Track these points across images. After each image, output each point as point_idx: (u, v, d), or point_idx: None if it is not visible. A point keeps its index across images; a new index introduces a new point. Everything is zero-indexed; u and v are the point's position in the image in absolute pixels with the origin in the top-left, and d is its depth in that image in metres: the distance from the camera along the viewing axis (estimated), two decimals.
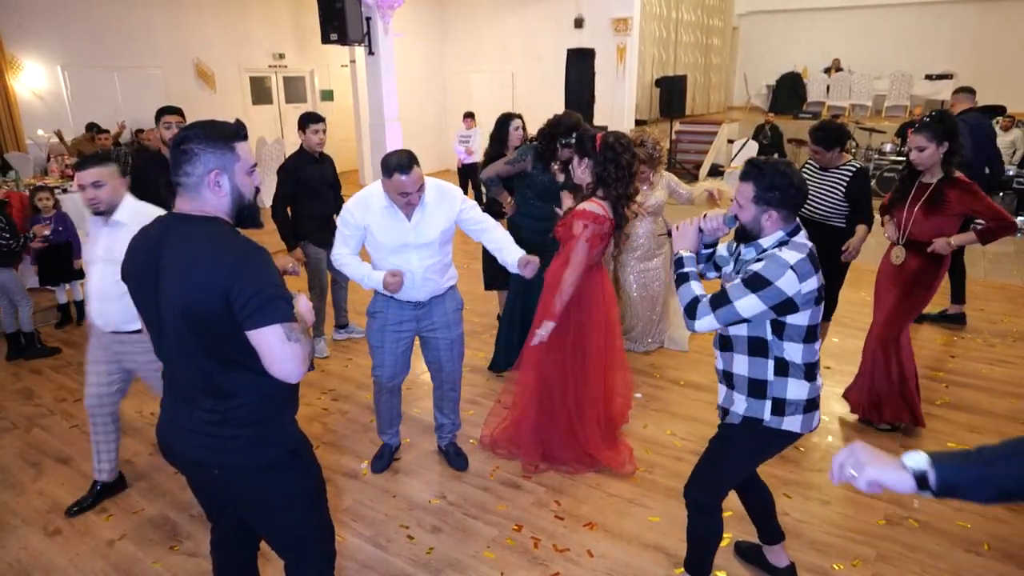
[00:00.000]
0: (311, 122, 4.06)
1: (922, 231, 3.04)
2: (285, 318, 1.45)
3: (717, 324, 1.85)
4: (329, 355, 4.44)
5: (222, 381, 1.54)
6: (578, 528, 2.71)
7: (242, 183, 1.57)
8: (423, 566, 2.52)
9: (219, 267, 1.43)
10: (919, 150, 2.96)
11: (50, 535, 2.72)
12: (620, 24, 10.43)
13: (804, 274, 1.77)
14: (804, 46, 13.92)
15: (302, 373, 1.49)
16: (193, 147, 1.49)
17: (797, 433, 1.95)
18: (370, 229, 2.66)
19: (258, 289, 1.43)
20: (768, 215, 1.86)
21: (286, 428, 1.69)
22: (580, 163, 2.81)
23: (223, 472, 1.61)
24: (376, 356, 2.90)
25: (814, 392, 1.94)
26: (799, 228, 1.90)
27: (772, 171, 1.83)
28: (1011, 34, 12.02)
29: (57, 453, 3.33)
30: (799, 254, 1.80)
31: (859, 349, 4.26)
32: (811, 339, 1.88)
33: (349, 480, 3.07)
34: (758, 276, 1.78)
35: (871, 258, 3.70)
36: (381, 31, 7.91)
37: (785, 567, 2.36)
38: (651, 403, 3.69)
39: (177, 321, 1.48)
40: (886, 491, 2.75)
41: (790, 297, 1.77)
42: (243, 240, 1.51)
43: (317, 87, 11.78)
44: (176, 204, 1.55)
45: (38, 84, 8.18)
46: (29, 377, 4.22)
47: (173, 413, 1.64)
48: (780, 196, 1.82)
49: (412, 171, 2.46)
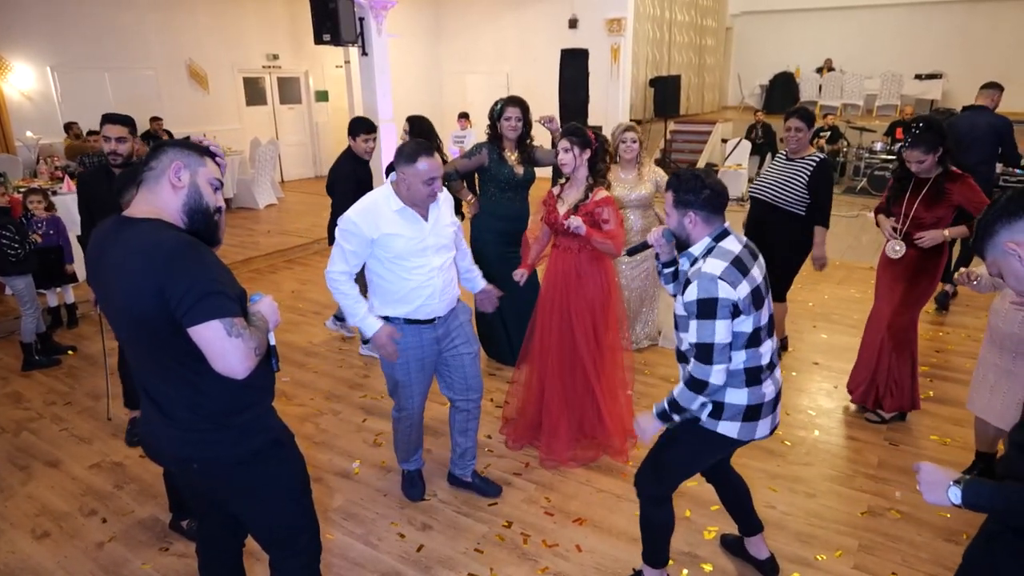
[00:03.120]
0: (363, 131, 4.03)
1: (923, 224, 3.11)
2: (223, 313, 1.41)
3: (725, 363, 1.86)
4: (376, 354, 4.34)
5: (185, 379, 1.51)
6: (567, 524, 2.73)
7: (203, 186, 1.56)
8: (413, 563, 2.53)
9: (151, 266, 1.40)
10: (918, 163, 3.04)
11: (38, 538, 2.72)
12: (614, 24, 10.46)
13: (733, 281, 1.83)
14: (797, 46, 13.98)
15: (247, 369, 1.44)
16: (167, 147, 1.55)
17: (734, 439, 1.99)
18: (383, 240, 2.40)
19: (190, 285, 1.39)
20: (688, 217, 1.94)
21: (263, 418, 1.67)
22: (582, 154, 2.95)
23: (202, 466, 1.60)
24: (404, 392, 2.64)
25: (755, 399, 1.95)
26: (726, 232, 1.95)
27: (687, 176, 1.95)
28: (1000, 34, 12.10)
29: (46, 456, 3.33)
30: (723, 263, 1.85)
31: (848, 345, 4.31)
32: (754, 343, 1.91)
33: (341, 479, 3.08)
34: (702, 302, 1.83)
35: (862, 255, 3.74)
36: (374, 32, 7.91)
37: (765, 559, 2.39)
38: (641, 400, 3.71)
39: (127, 325, 1.48)
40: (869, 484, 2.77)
41: (735, 301, 1.83)
42: (178, 236, 1.46)
43: (312, 88, 11.78)
44: (131, 207, 1.54)
45: (27, 85, 8.16)
46: (18, 381, 4.21)
47: (149, 412, 1.63)
48: (695, 197, 1.91)
49: (433, 153, 2.35)
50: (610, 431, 3.16)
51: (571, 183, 3.04)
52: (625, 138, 3.92)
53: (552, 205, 3.05)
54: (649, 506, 2.18)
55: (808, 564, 2.46)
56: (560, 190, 3.07)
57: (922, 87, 12.33)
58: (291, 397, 3.87)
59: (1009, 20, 12.03)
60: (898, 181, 3.23)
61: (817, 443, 3.28)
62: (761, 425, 1.99)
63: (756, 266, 1.93)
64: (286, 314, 5.17)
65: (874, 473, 3.00)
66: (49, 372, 4.32)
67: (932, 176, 3.08)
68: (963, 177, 3.03)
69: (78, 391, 4.03)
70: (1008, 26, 12.04)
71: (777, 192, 3.74)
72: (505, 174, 3.72)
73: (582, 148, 2.94)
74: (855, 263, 5.98)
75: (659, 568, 2.28)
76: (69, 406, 3.85)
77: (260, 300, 1.65)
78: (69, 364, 4.44)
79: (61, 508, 2.90)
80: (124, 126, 3.17)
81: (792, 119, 3.67)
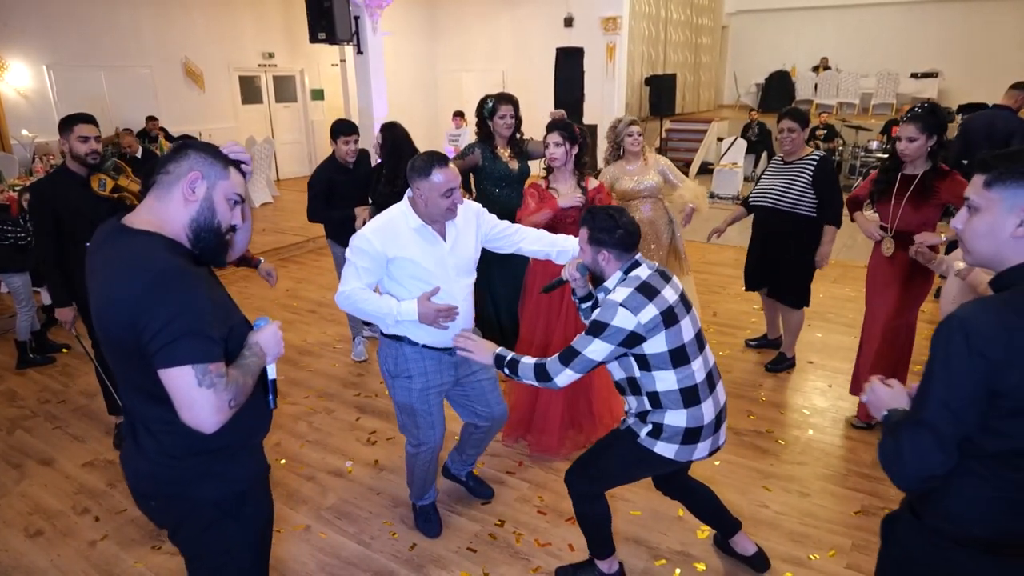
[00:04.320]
0: (342, 133, 3.85)
1: (911, 223, 3.01)
2: (197, 358, 1.25)
3: (576, 374, 1.95)
4: (366, 359, 4.33)
5: (153, 408, 1.37)
6: (560, 523, 2.73)
7: (219, 201, 1.42)
8: (406, 562, 2.53)
9: (130, 290, 1.26)
10: (909, 140, 2.91)
11: (31, 536, 2.72)
12: (610, 23, 10.46)
13: (636, 307, 1.87)
14: (792, 45, 14.01)
15: (216, 424, 1.28)
16: (190, 151, 1.40)
17: (671, 459, 2.02)
18: (400, 260, 2.21)
19: (166, 322, 1.24)
20: (602, 255, 2.00)
21: (240, 462, 1.50)
22: (572, 148, 3.05)
23: (158, 504, 1.48)
24: (423, 423, 2.40)
25: (694, 422, 1.98)
26: (636, 264, 2.01)
27: (602, 215, 2.00)
28: (996, 33, 12.13)
29: (40, 455, 3.32)
30: (628, 289, 1.91)
31: (843, 344, 4.32)
32: (681, 361, 1.94)
33: (334, 478, 3.08)
34: (596, 322, 1.91)
35: (857, 255, 3.73)
36: (370, 30, 7.90)
37: (754, 553, 2.40)
38: None
39: (103, 338, 1.37)
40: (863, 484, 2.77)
41: (631, 331, 1.87)
42: (167, 262, 1.30)
43: (307, 86, 11.75)
44: (127, 217, 1.40)
45: (23, 83, 8.13)
46: (12, 379, 4.20)
47: (128, 435, 1.50)
48: (608, 237, 1.97)
49: (447, 162, 2.17)
50: (597, 422, 3.20)
51: (558, 176, 3.13)
52: (631, 131, 3.91)
53: (548, 196, 3.09)
54: (582, 503, 2.22)
55: (801, 564, 2.46)
56: (546, 183, 3.15)
57: (918, 85, 12.36)
58: (285, 395, 3.86)
59: (1005, 19, 12.07)
60: (883, 173, 3.12)
61: (811, 442, 3.29)
62: (700, 447, 2.02)
63: (669, 287, 1.98)
64: (281, 313, 5.17)
65: (868, 472, 3.00)
66: (43, 370, 4.31)
67: (919, 173, 2.97)
68: (951, 174, 2.95)
69: (72, 389, 4.02)
70: (1004, 25, 12.08)
71: (781, 196, 3.66)
72: (500, 171, 3.73)
73: (572, 143, 3.02)
74: (850, 262, 5.99)
75: (607, 559, 2.32)
76: (63, 404, 3.84)
77: (263, 328, 1.49)
78: (63, 362, 4.43)
79: (54, 506, 2.90)
80: (96, 125, 3.05)
81: (785, 120, 3.63)
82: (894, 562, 1.41)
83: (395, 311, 2.19)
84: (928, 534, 1.28)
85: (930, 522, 1.27)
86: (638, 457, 2.06)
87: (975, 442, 1.18)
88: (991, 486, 1.19)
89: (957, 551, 1.24)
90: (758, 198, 3.82)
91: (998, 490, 1.19)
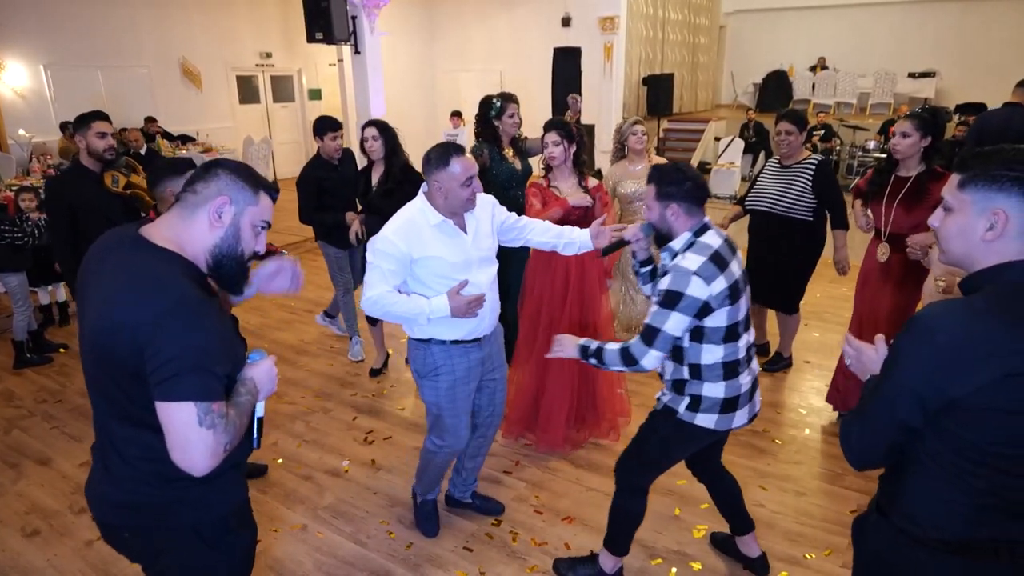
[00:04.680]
0: (328, 129, 3.85)
1: (904, 226, 3.02)
2: (202, 396, 1.20)
3: (661, 353, 1.91)
4: (363, 359, 4.33)
5: (134, 432, 1.31)
6: (556, 522, 2.73)
7: (245, 228, 1.35)
8: (402, 561, 2.53)
9: (142, 314, 1.20)
10: (903, 135, 2.94)
11: (28, 536, 2.72)
12: (607, 23, 10.46)
13: (709, 276, 1.84)
14: (790, 44, 14.02)
15: (208, 467, 1.22)
16: (221, 172, 1.33)
17: (712, 429, 2.02)
18: (425, 260, 2.17)
19: (177, 354, 1.19)
20: (671, 208, 1.95)
21: (220, 488, 1.40)
22: (570, 147, 3.07)
23: (132, 535, 1.40)
24: (450, 424, 2.38)
25: (733, 391, 1.98)
26: (706, 227, 1.96)
27: (669, 168, 1.97)
28: (994, 32, 12.15)
29: (37, 455, 3.32)
30: (701, 257, 1.86)
31: (840, 344, 4.32)
32: (732, 338, 1.93)
33: (331, 478, 3.08)
34: (669, 292, 1.86)
35: (854, 255, 3.70)
36: (367, 30, 7.90)
37: (756, 557, 2.40)
38: (632, 398, 3.71)
39: (90, 350, 1.30)
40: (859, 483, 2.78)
41: (705, 301, 1.84)
42: (183, 289, 1.24)
43: (305, 86, 11.75)
44: (146, 228, 1.33)
45: (20, 83, 8.13)
46: (9, 378, 4.20)
47: (96, 463, 1.42)
48: (677, 189, 1.93)
49: (463, 151, 2.15)
50: (600, 414, 3.23)
51: (557, 175, 3.15)
52: (636, 130, 3.94)
53: (551, 195, 3.10)
54: (624, 495, 2.22)
55: (797, 563, 2.47)
56: (547, 182, 3.16)
57: (915, 85, 12.38)
58: (282, 395, 3.87)
59: (1002, 18, 12.09)
60: (878, 174, 3.15)
61: (807, 441, 3.30)
62: (738, 415, 2.02)
63: (735, 261, 1.95)
64: (278, 312, 5.17)
65: (864, 472, 3.01)
66: (40, 370, 4.30)
67: (913, 175, 2.99)
68: (945, 175, 2.94)
69: (69, 389, 4.02)
70: (1001, 24, 12.10)
71: (778, 201, 3.62)
72: (507, 171, 3.74)
73: (570, 141, 3.05)
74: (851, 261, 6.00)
75: (618, 556, 2.31)
76: (60, 404, 3.84)
77: (258, 363, 1.42)
78: (60, 362, 4.43)
79: (51, 506, 2.90)
80: (111, 123, 3.16)
81: (783, 122, 3.57)
82: (864, 562, 1.41)
83: (427, 309, 2.15)
84: (895, 533, 1.28)
85: (896, 521, 1.28)
86: (679, 434, 2.05)
87: (932, 444, 1.19)
88: (953, 488, 1.19)
89: (923, 551, 1.23)
90: (754, 202, 3.76)
91: (959, 493, 1.18)
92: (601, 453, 3.21)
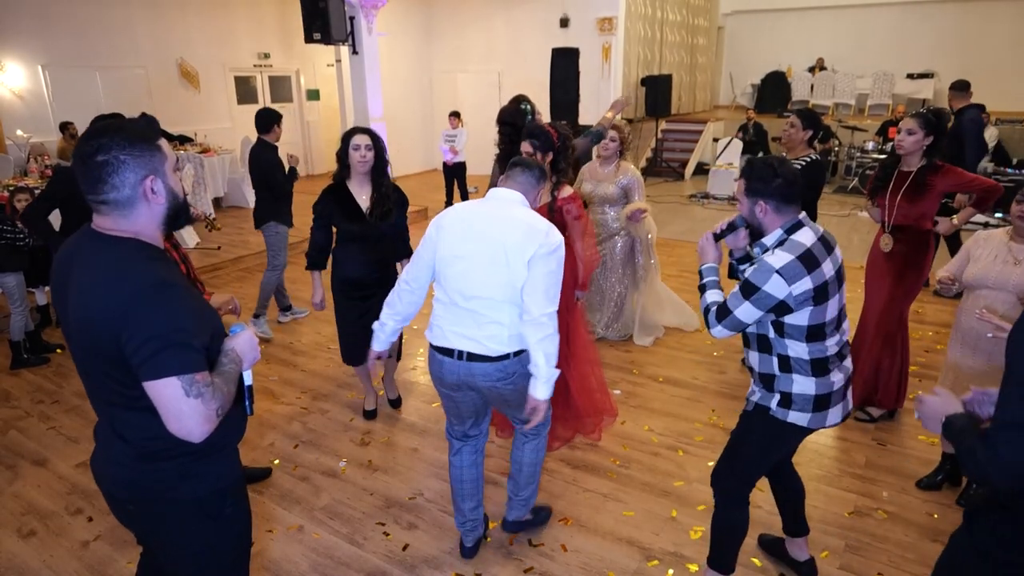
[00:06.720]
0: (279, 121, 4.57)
1: (907, 217, 3.16)
2: (183, 368, 1.26)
3: (728, 332, 1.93)
4: (272, 338, 4.62)
5: (132, 415, 1.37)
6: (553, 523, 2.73)
7: (174, 182, 1.40)
8: (399, 563, 2.53)
9: (112, 304, 1.25)
10: (908, 132, 3.07)
11: (24, 537, 2.71)
12: (605, 24, 10.47)
13: (792, 276, 1.80)
14: (789, 45, 14.04)
15: (205, 433, 1.29)
16: (118, 155, 1.28)
17: (804, 427, 1.98)
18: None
19: (151, 335, 1.24)
20: (759, 206, 1.92)
21: (219, 462, 1.49)
22: (544, 157, 2.89)
23: (137, 508, 1.47)
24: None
25: (824, 388, 1.95)
26: (799, 225, 1.92)
27: (760, 163, 1.93)
28: (992, 33, 12.18)
29: (34, 455, 3.31)
30: (789, 256, 1.83)
31: None
32: (816, 338, 1.90)
33: (327, 478, 3.08)
34: (748, 283, 1.86)
35: (852, 255, 3.74)
36: (365, 30, 7.90)
37: (805, 560, 2.38)
38: (629, 399, 3.72)
39: (80, 348, 1.36)
40: (856, 484, 2.77)
41: (781, 300, 1.82)
42: (145, 272, 1.29)
43: (303, 86, 11.73)
44: (96, 222, 1.36)
45: (18, 84, 8.10)
46: (6, 379, 4.19)
47: (100, 442, 1.51)
48: (764, 186, 1.90)
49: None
50: (580, 411, 3.21)
51: None
52: (611, 135, 4.01)
53: None
54: (726, 506, 2.17)
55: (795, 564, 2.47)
56: None
57: (914, 86, 12.41)
58: (279, 396, 3.86)
59: (1001, 19, 12.12)
60: (882, 169, 3.29)
61: (805, 443, 3.23)
62: (832, 413, 1.99)
63: (829, 260, 1.90)
64: (273, 313, 5.16)
65: (861, 473, 3.02)
66: (37, 371, 4.30)
67: (914, 169, 3.12)
68: (944, 168, 3.09)
69: (66, 390, 4.01)
70: (1000, 25, 12.13)
71: None
72: None
73: (544, 152, 2.88)
74: (846, 263, 5.99)
75: (724, 574, 2.26)
76: (57, 404, 3.84)
77: (238, 334, 1.47)
78: (57, 363, 4.42)
79: (47, 507, 2.89)
80: None
81: (792, 115, 3.67)
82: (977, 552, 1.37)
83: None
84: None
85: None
86: (773, 433, 2.02)
87: None
88: None
89: None
90: None
91: None
92: (597, 455, 3.21)
